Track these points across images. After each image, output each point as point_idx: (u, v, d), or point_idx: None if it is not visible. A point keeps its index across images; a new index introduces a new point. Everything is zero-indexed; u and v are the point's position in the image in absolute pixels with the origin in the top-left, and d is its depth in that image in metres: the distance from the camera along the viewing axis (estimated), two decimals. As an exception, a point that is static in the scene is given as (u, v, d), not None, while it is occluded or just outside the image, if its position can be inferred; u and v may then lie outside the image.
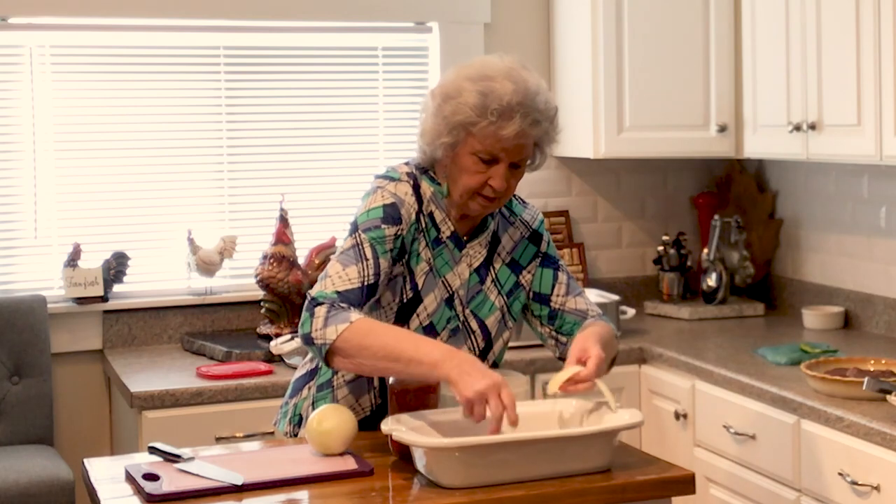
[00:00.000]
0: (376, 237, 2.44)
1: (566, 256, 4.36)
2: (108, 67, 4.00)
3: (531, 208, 2.72)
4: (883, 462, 2.73)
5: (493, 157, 2.45)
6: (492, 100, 2.40)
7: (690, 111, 4.03)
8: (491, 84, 2.42)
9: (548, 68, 4.41)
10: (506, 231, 2.63)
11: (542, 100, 2.46)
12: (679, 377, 3.60)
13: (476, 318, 2.56)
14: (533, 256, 2.64)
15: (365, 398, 2.56)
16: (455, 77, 2.47)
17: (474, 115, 2.41)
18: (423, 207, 2.52)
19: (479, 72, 2.45)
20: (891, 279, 3.78)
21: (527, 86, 2.43)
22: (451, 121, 2.44)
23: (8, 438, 3.73)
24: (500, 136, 2.41)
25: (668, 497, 2.24)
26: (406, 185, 2.51)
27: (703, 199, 4.47)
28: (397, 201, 2.48)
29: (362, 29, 4.23)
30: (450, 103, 2.44)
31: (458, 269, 2.55)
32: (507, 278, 2.60)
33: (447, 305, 2.53)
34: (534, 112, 2.43)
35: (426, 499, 2.12)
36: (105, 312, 3.96)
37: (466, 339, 2.56)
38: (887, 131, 3.20)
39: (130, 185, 4.03)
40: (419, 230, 2.51)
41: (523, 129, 2.42)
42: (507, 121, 2.41)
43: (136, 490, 2.18)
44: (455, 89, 2.45)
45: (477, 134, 2.43)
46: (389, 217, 2.46)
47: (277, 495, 2.15)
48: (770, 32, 3.72)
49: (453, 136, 2.45)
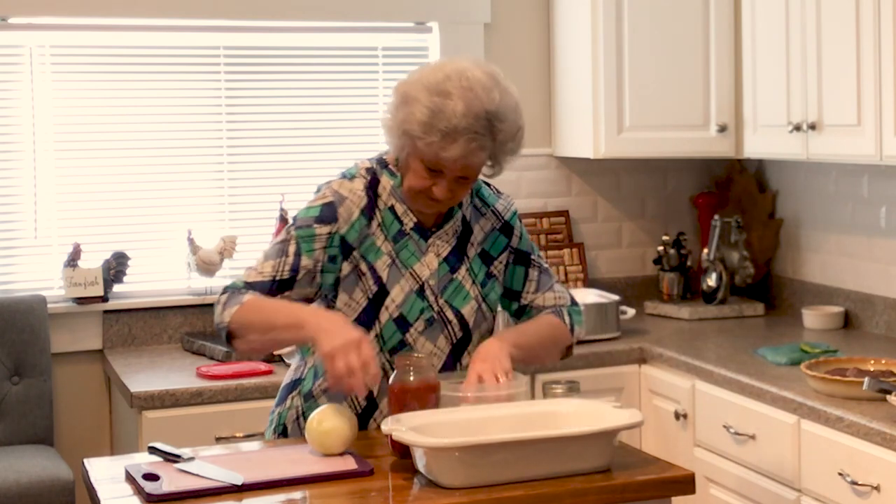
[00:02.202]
0: (304, 235, 2.50)
1: (566, 256, 4.36)
2: (108, 67, 4.00)
3: (505, 198, 2.70)
4: (883, 462, 2.73)
5: (438, 169, 2.46)
6: (439, 119, 2.39)
7: (690, 111, 4.03)
8: (443, 102, 2.39)
9: (548, 68, 4.41)
10: (477, 222, 2.63)
11: (501, 121, 2.42)
12: (679, 377, 3.60)
13: (451, 308, 2.56)
14: (503, 248, 2.65)
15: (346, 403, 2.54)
16: (418, 80, 2.45)
17: (419, 131, 2.41)
18: (382, 202, 2.54)
19: (438, 84, 2.42)
20: (891, 279, 3.78)
21: (482, 108, 2.40)
22: (401, 126, 2.45)
23: (8, 438, 3.73)
24: (441, 156, 2.42)
25: (668, 497, 2.24)
26: (360, 180, 2.55)
27: (703, 199, 4.47)
28: (336, 200, 2.52)
29: (362, 29, 4.23)
30: (403, 109, 2.44)
31: (426, 260, 2.56)
32: (479, 268, 2.61)
33: (418, 296, 2.54)
34: (481, 137, 2.41)
35: (426, 499, 2.12)
36: (105, 312, 3.96)
37: (443, 330, 2.56)
38: (887, 131, 3.20)
39: (130, 185, 4.03)
40: (377, 225, 2.53)
41: (466, 153, 2.41)
42: (450, 143, 2.40)
43: (136, 490, 2.18)
44: (412, 96, 2.43)
45: (421, 147, 2.43)
46: (324, 216, 2.51)
47: (277, 495, 2.15)
48: (770, 32, 3.72)
49: (401, 140, 2.47)
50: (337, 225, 2.51)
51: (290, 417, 2.63)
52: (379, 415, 2.54)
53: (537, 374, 3.62)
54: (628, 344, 3.82)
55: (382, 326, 2.52)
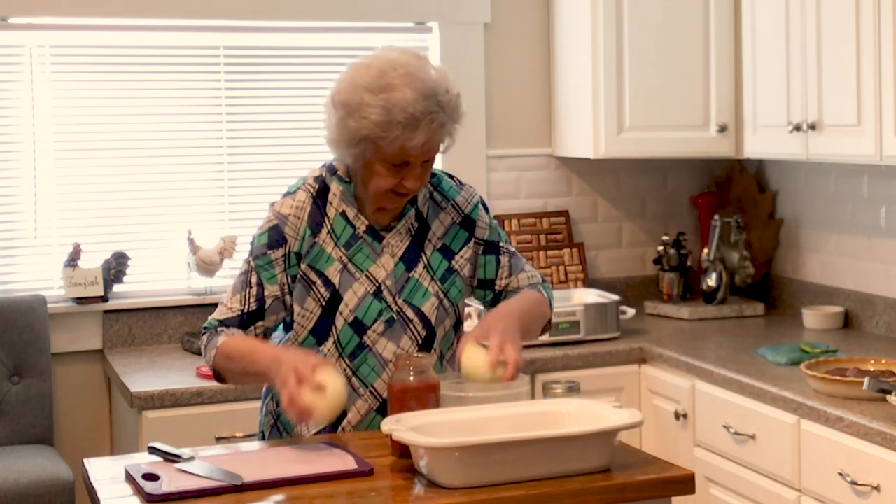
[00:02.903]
0: (262, 264, 2.54)
1: (566, 256, 4.36)
2: (108, 67, 4.00)
3: (467, 190, 2.68)
4: (883, 462, 2.73)
5: (405, 162, 2.46)
6: (395, 113, 2.39)
7: (690, 111, 4.03)
8: (392, 95, 2.40)
9: (548, 68, 4.41)
10: (436, 216, 2.62)
11: (444, 94, 2.44)
12: (679, 377, 3.60)
13: (411, 307, 2.56)
14: (465, 242, 2.63)
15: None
16: (353, 86, 2.45)
17: (379, 131, 2.41)
18: (332, 209, 2.56)
19: (377, 80, 2.42)
20: (891, 279, 3.78)
21: (428, 87, 2.42)
22: (357, 135, 2.44)
23: (8, 438, 3.73)
24: (408, 147, 2.43)
25: (668, 497, 2.24)
26: (304, 192, 2.57)
27: (703, 199, 4.47)
28: (279, 221, 2.54)
29: (362, 29, 4.23)
30: (353, 117, 2.43)
31: (382, 261, 2.56)
32: (439, 264, 2.60)
33: (375, 298, 2.54)
34: (439, 115, 2.43)
35: (426, 499, 2.12)
36: (105, 312, 3.96)
37: (405, 329, 2.55)
38: (887, 131, 3.20)
39: (130, 185, 4.03)
40: (327, 232, 2.54)
41: (430, 135, 2.43)
42: (413, 131, 2.41)
43: (136, 490, 2.18)
44: (356, 102, 2.43)
45: (384, 146, 2.43)
46: (273, 241, 2.54)
47: (277, 495, 2.15)
48: (770, 32, 3.72)
49: (360, 147, 2.46)
50: (288, 245, 2.54)
51: (267, 424, 2.67)
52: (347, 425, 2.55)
53: (537, 374, 3.62)
54: (628, 344, 3.82)
55: (339, 332, 2.53)
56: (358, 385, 2.54)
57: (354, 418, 2.55)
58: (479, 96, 4.31)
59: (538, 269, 4.29)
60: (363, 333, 2.53)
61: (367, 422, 2.56)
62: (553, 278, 4.33)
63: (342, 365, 2.52)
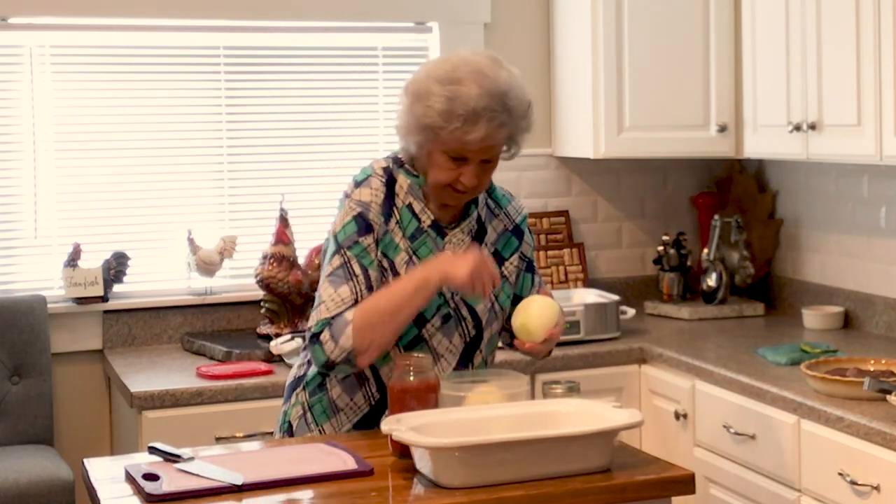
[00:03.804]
0: (358, 252, 2.52)
1: (566, 256, 4.36)
2: (108, 67, 4.00)
3: (516, 203, 2.76)
4: (883, 462, 2.73)
5: (462, 157, 2.50)
6: (458, 105, 2.44)
7: (690, 111, 4.03)
8: (458, 88, 2.45)
9: (548, 68, 4.41)
10: (490, 222, 2.67)
11: (513, 98, 2.50)
12: (679, 377, 3.60)
13: (466, 306, 2.59)
14: (515, 250, 2.69)
15: (359, 395, 2.57)
16: (426, 76, 2.51)
17: (441, 121, 2.46)
18: (399, 200, 2.57)
19: (448, 73, 2.48)
20: (891, 279, 3.78)
21: (495, 87, 2.47)
22: (421, 122, 2.49)
23: (8, 438, 3.73)
24: (465, 140, 2.46)
25: (668, 497, 2.25)
26: (377, 179, 2.57)
27: (703, 199, 4.47)
28: (363, 209, 2.54)
29: (362, 29, 4.23)
30: (419, 104, 2.49)
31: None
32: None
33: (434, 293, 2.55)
34: (500, 115, 2.47)
35: (426, 499, 2.12)
36: (105, 312, 3.96)
37: (458, 326, 2.58)
38: (887, 131, 3.20)
39: (130, 185, 4.03)
40: (395, 222, 2.56)
41: (489, 133, 2.47)
42: (472, 125, 2.45)
43: (136, 490, 2.18)
44: (425, 91, 2.49)
45: (444, 137, 2.47)
46: (363, 228, 2.53)
47: (277, 495, 2.15)
48: (770, 32, 3.72)
49: (423, 135, 2.51)
50: (375, 231, 2.53)
51: (294, 414, 2.64)
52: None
53: (537, 374, 3.62)
54: (628, 344, 3.82)
55: None
56: None
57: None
58: (479, 96, 4.30)
59: (538, 268, 4.30)
60: (423, 326, 2.54)
61: None
62: (553, 278, 4.33)
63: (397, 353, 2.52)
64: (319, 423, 2.60)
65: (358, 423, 2.58)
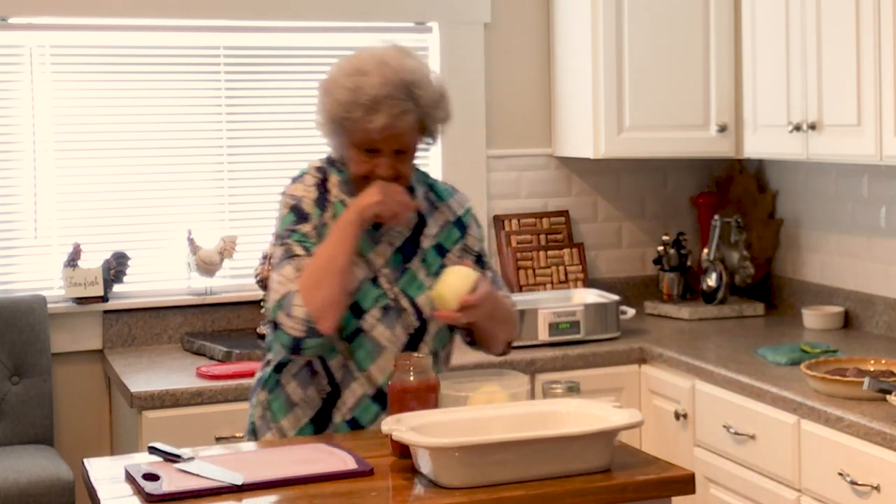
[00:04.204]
0: (299, 237, 2.57)
1: (566, 256, 4.36)
2: (108, 67, 4.00)
3: (459, 196, 2.78)
4: (883, 462, 2.73)
5: (373, 148, 2.55)
6: (360, 95, 2.50)
7: (690, 111, 4.03)
8: (361, 79, 2.51)
9: (548, 68, 4.41)
10: (431, 215, 2.69)
11: (420, 87, 2.53)
12: (679, 377, 3.60)
13: (406, 297, 2.60)
14: (457, 240, 2.70)
15: (311, 389, 2.60)
16: (335, 71, 2.59)
17: (344, 111, 2.52)
18: (332, 196, 2.62)
19: (354, 66, 2.55)
20: (891, 279, 3.78)
21: (397, 76, 2.51)
22: (329, 115, 2.57)
23: (8, 438, 3.73)
24: (369, 129, 2.51)
25: (668, 497, 2.24)
26: (310, 177, 2.66)
27: (703, 199, 4.47)
28: (296, 202, 2.62)
29: (362, 29, 4.22)
30: (327, 98, 2.56)
31: (380, 249, 2.62)
32: (433, 260, 2.66)
33: (373, 284, 2.58)
34: (403, 103, 2.51)
35: (426, 499, 2.12)
36: (105, 312, 3.96)
37: (399, 317, 2.59)
38: (887, 131, 3.20)
39: (130, 185, 4.03)
40: (330, 216, 2.60)
41: (390, 121, 2.51)
42: (373, 114, 2.50)
43: (136, 490, 2.18)
44: (332, 84, 2.57)
45: (351, 128, 2.53)
46: (299, 217, 2.60)
47: (277, 495, 2.15)
48: (770, 32, 3.72)
49: (334, 128, 2.58)
50: (312, 221, 2.59)
51: (256, 415, 2.68)
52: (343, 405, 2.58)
53: (537, 374, 3.62)
54: (628, 344, 3.82)
55: None
56: (353, 368, 2.57)
57: (350, 400, 2.57)
58: (479, 96, 4.31)
59: (538, 269, 4.31)
60: (361, 317, 2.57)
61: (362, 407, 2.58)
62: (553, 278, 4.33)
63: (340, 346, 2.56)
64: (278, 420, 2.63)
65: (315, 418, 2.60)
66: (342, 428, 2.59)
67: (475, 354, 3.69)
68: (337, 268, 2.49)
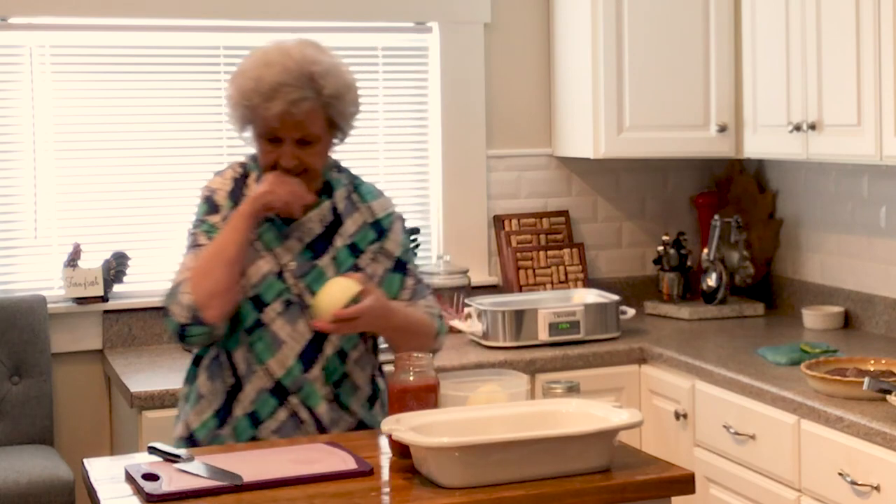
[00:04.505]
0: (206, 228, 2.63)
1: (566, 256, 4.36)
2: (108, 67, 4.00)
3: (384, 200, 2.77)
4: (883, 462, 2.73)
5: (276, 137, 2.58)
6: (259, 83, 2.54)
7: (690, 111, 4.03)
8: (263, 70, 2.55)
9: (548, 68, 4.41)
10: (350, 215, 2.69)
11: (324, 78, 2.56)
12: (679, 377, 3.60)
13: (311, 293, 2.60)
14: (371, 241, 2.69)
15: (218, 381, 2.63)
16: (243, 63, 2.63)
17: (244, 99, 2.57)
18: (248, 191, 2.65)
19: (258, 58, 2.60)
20: (891, 279, 3.78)
21: (297, 66, 2.54)
22: (232, 104, 2.61)
23: (8, 438, 3.73)
24: (266, 116, 2.55)
25: (668, 497, 2.24)
26: (229, 171, 2.72)
27: (703, 199, 4.47)
28: (210, 193, 2.69)
29: (362, 29, 4.23)
30: (231, 87, 2.61)
31: (289, 244, 2.64)
32: (346, 259, 2.66)
33: (277, 278, 2.60)
34: (302, 91, 2.53)
35: (426, 499, 2.12)
36: (105, 312, 3.96)
37: (302, 313, 2.60)
38: (887, 131, 3.20)
39: (130, 185, 4.03)
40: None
41: (286, 108, 2.53)
42: (269, 101, 2.53)
43: (135, 490, 2.18)
44: (237, 75, 2.62)
45: (251, 116, 2.58)
46: (210, 208, 2.67)
47: (277, 495, 2.15)
48: (770, 32, 3.72)
49: (237, 119, 2.62)
50: (222, 213, 2.64)
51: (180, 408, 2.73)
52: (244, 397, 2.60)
53: (537, 373, 3.62)
54: (628, 344, 3.82)
55: (240, 306, 2.58)
56: (252, 361, 2.59)
57: (251, 393, 2.59)
58: (479, 96, 4.31)
59: (538, 268, 4.31)
60: (261, 311, 2.59)
61: (261, 401, 2.59)
62: (553, 278, 4.33)
63: (242, 337, 2.59)
64: (188, 413, 2.67)
65: (218, 411, 2.62)
66: (242, 422, 2.60)
67: (475, 354, 3.72)
68: (226, 257, 2.53)
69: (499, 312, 3.79)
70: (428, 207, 4.34)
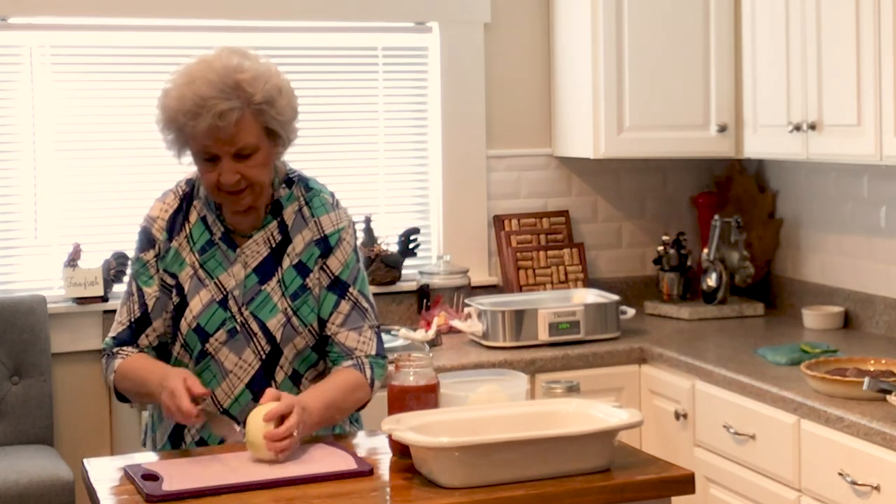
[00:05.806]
0: (138, 269, 2.58)
1: (566, 256, 4.36)
2: (108, 67, 4.00)
3: (336, 215, 2.61)
4: (883, 462, 2.73)
5: (212, 155, 2.46)
6: (182, 101, 2.44)
7: (690, 111, 4.03)
8: (184, 88, 2.44)
9: (548, 68, 4.41)
10: (300, 232, 2.58)
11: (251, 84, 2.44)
12: (679, 377, 3.60)
13: (256, 320, 2.52)
14: (315, 259, 2.56)
15: None
16: (167, 84, 2.51)
17: (171, 122, 2.47)
18: (195, 213, 2.57)
19: (182, 74, 2.48)
20: (891, 279, 3.78)
21: (220, 79, 2.42)
22: (161, 129, 2.52)
23: (8, 438, 3.73)
24: (195, 135, 2.44)
25: (668, 497, 2.25)
26: (173, 194, 2.63)
27: (703, 199, 4.47)
28: (148, 224, 2.59)
29: (362, 29, 4.23)
30: (158, 111, 2.51)
31: (233, 270, 2.55)
32: (292, 280, 2.55)
33: (221, 307, 2.52)
34: (224, 102, 2.40)
35: (426, 499, 2.12)
36: (105, 312, 3.95)
37: (248, 342, 2.52)
38: (887, 131, 3.20)
39: (131, 185, 4.03)
40: (185, 236, 2.56)
41: (213, 122, 2.41)
42: (195, 119, 2.41)
43: (135, 490, 2.18)
44: (162, 96, 2.50)
45: (183, 138, 2.48)
46: (144, 244, 2.59)
47: (277, 495, 2.15)
48: (770, 32, 3.72)
49: (170, 143, 2.51)
50: (156, 247, 2.57)
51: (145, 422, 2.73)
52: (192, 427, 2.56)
53: (537, 373, 3.62)
54: (628, 344, 3.82)
55: (184, 337, 2.54)
56: None
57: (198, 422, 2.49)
58: (479, 96, 4.31)
59: (538, 269, 4.30)
60: (206, 341, 2.52)
61: (208, 431, 2.55)
62: (553, 278, 4.33)
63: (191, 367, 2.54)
64: (155, 432, 2.65)
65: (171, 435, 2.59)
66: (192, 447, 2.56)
67: (475, 354, 3.72)
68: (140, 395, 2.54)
69: (499, 312, 3.79)
70: (428, 207, 4.34)
